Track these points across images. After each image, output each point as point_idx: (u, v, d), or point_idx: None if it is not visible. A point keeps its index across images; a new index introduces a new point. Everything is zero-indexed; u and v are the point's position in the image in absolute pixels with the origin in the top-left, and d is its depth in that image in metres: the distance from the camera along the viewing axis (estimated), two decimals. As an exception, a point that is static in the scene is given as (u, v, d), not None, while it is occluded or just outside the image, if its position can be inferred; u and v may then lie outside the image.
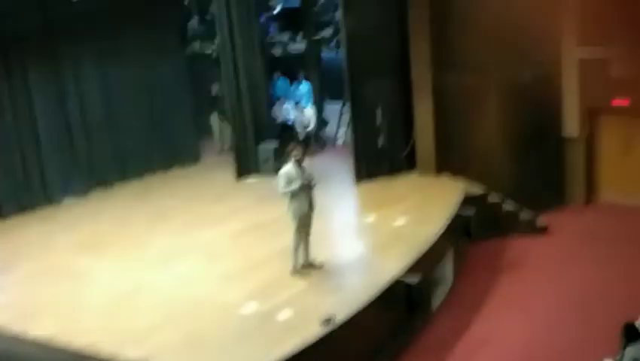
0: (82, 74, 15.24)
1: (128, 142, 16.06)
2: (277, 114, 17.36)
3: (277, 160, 14.72)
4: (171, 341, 8.74)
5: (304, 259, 10.48)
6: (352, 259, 11.09)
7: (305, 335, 8.42)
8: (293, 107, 17.73)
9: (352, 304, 9.15)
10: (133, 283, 10.63)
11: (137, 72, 16.14)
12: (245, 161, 15.72)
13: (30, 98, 14.36)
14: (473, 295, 11.53)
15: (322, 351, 8.38)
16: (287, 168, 10.19)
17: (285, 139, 15.46)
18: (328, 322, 8.68)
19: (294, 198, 10.12)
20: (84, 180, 15.32)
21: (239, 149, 15.69)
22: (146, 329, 9.05)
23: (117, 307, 9.86)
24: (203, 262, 11.19)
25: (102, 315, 9.65)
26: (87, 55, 15.27)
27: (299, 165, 10.16)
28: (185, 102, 17.07)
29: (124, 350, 8.51)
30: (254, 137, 15.75)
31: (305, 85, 18.34)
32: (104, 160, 15.68)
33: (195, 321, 9.23)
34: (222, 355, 8.36)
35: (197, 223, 12.96)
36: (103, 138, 15.63)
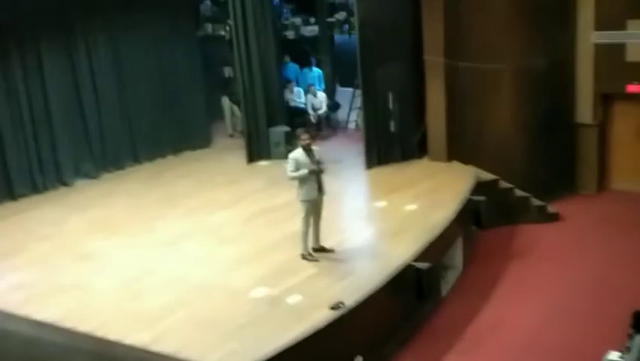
0: (95, 56, 15.21)
1: (140, 124, 16.06)
2: (287, 98, 17.33)
3: (288, 144, 14.74)
4: (180, 324, 8.79)
5: (315, 244, 10.50)
6: (363, 244, 11.08)
7: (314, 320, 8.44)
8: (304, 91, 17.71)
9: (362, 289, 9.16)
10: (144, 265, 10.66)
11: (150, 54, 16.11)
12: (257, 144, 15.72)
13: (43, 80, 14.36)
14: (483, 281, 11.54)
15: (332, 336, 8.40)
16: (295, 153, 10.21)
17: (296, 123, 15.46)
18: (338, 307, 8.70)
19: (303, 183, 10.13)
20: (96, 162, 15.36)
21: (251, 132, 15.68)
22: (156, 312, 9.10)
23: (128, 289, 9.90)
24: (214, 246, 11.22)
25: (113, 297, 9.69)
26: (100, 37, 15.25)
27: (308, 151, 10.16)
28: (197, 85, 17.00)
29: (134, 332, 8.57)
30: (266, 120, 15.74)
31: (316, 70, 18.30)
32: (116, 142, 15.69)
33: (205, 304, 9.27)
34: (232, 338, 8.37)
35: (208, 206, 12.99)
36: (115, 121, 15.64)
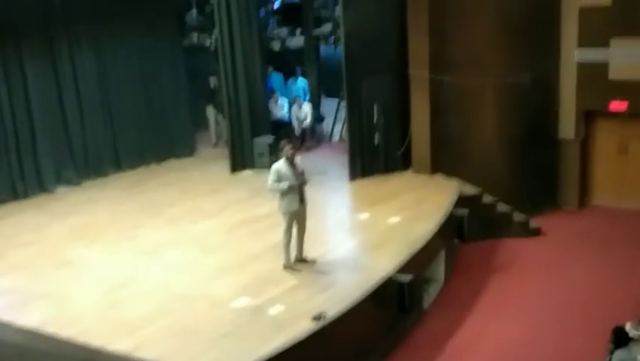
0: (79, 64, 15.15)
1: (123, 132, 15.99)
2: (271, 109, 17.32)
3: (272, 154, 14.72)
4: (161, 333, 8.74)
5: (297, 255, 10.48)
6: (345, 256, 11.07)
7: (296, 331, 8.42)
8: (289, 102, 17.71)
9: (344, 301, 9.14)
10: (125, 273, 10.60)
11: (134, 63, 16.07)
12: (240, 154, 15.69)
13: (25, 86, 14.28)
14: (465, 294, 11.56)
15: (313, 347, 8.37)
16: (278, 165, 10.21)
17: (281, 134, 15.45)
18: (319, 318, 8.68)
19: (284, 195, 10.14)
20: (78, 170, 15.28)
21: (235, 142, 15.65)
22: (137, 320, 9.03)
23: (109, 297, 9.83)
24: (196, 255, 11.17)
25: (93, 305, 9.62)
26: (84, 44, 15.19)
27: (290, 163, 10.16)
28: (182, 94, 16.99)
29: (115, 340, 8.51)
30: (250, 131, 15.72)
31: (301, 81, 18.32)
32: (99, 150, 15.61)
33: (186, 314, 9.21)
34: (212, 348, 8.33)
35: (191, 216, 12.94)
36: (98, 128, 15.56)
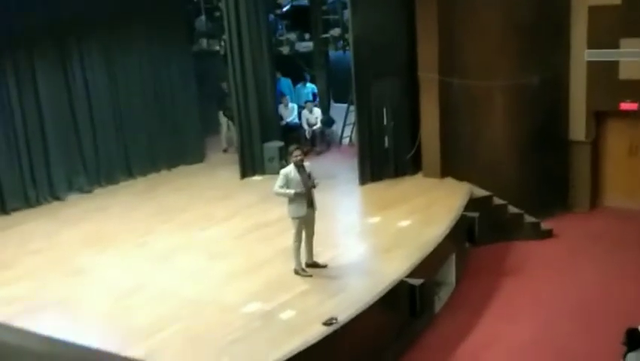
0: (89, 70, 15.20)
1: (134, 139, 16.03)
2: (282, 113, 17.35)
3: (282, 159, 14.74)
4: (173, 339, 8.76)
5: (308, 259, 10.49)
6: (356, 260, 11.06)
7: (307, 336, 8.42)
8: (299, 107, 17.73)
9: (355, 305, 9.14)
10: (136, 280, 10.63)
11: (144, 68, 16.11)
12: (250, 160, 15.69)
13: (37, 94, 14.35)
14: (476, 297, 11.53)
15: (324, 352, 8.37)
16: (287, 170, 10.24)
17: (290, 139, 15.45)
18: (331, 322, 8.68)
19: (292, 200, 10.16)
20: (90, 177, 15.32)
21: (244, 147, 15.67)
22: (148, 327, 9.06)
23: (120, 304, 9.86)
24: (207, 261, 11.19)
25: (105, 311, 9.66)
26: (95, 51, 15.26)
27: (299, 167, 10.18)
28: (191, 100, 17.03)
29: (126, 347, 8.52)
30: (260, 136, 15.73)
31: (309, 86, 18.34)
32: (109, 157, 15.66)
33: (197, 319, 9.23)
34: (224, 354, 8.35)
35: (201, 221, 12.96)
36: (109, 135, 15.62)
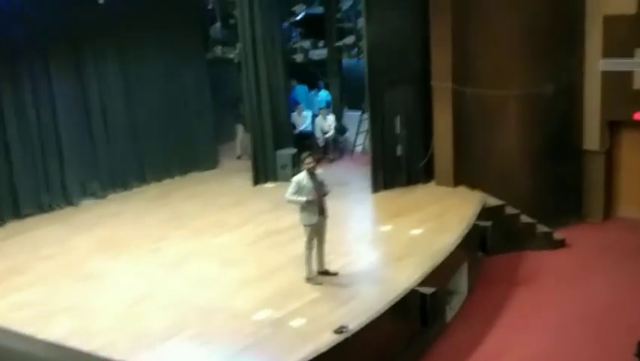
0: (104, 76, 15.31)
1: (148, 145, 16.11)
2: (295, 121, 17.40)
3: (295, 167, 14.76)
4: (184, 345, 8.79)
5: (319, 267, 10.49)
6: (367, 268, 11.06)
7: (317, 344, 8.42)
8: (313, 114, 17.76)
9: (366, 313, 9.13)
10: (148, 285, 10.67)
11: (159, 75, 16.20)
12: (263, 167, 15.73)
13: (52, 100, 14.46)
14: (488, 307, 11.48)
15: (334, 360, 8.35)
16: (299, 177, 10.27)
17: (304, 146, 15.48)
18: (341, 331, 8.68)
19: (304, 208, 10.18)
20: (103, 183, 15.41)
21: (257, 154, 15.71)
22: (159, 333, 9.09)
23: (132, 309, 9.90)
24: (218, 267, 11.22)
25: (117, 317, 9.69)
26: (110, 57, 15.35)
27: (311, 175, 10.20)
28: (205, 107, 17.11)
29: (138, 353, 8.58)
30: (273, 143, 15.77)
31: (323, 93, 18.38)
32: (123, 163, 15.75)
33: (208, 326, 9.25)
34: (235, 360, 8.36)
35: (214, 228, 13.00)
36: (123, 141, 15.70)
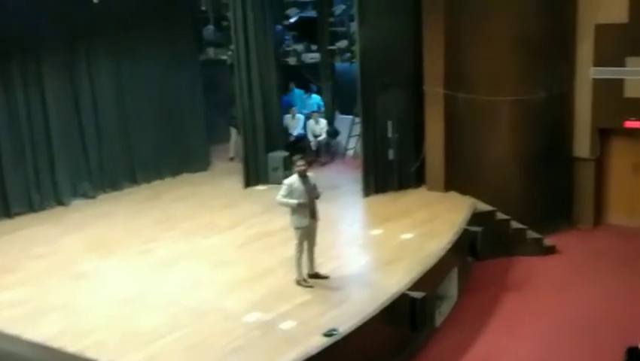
0: (96, 77, 15.27)
1: (139, 146, 16.08)
2: (288, 124, 17.40)
3: (286, 169, 14.76)
4: (173, 347, 8.76)
5: (310, 270, 10.49)
6: (357, 272, 11.06)
7: (307, 347, 8.41)
8: (305, 117, 17.77)
9: (356, 317, 9.13)
10: (138, 286, 10.65)
11: (151, 76, 16.17)
12: (254, 169, 15.72)
13: (44, 100, 14.42)
14: (477, 312, 11.50)
15: (324, 363, 8.37)
16: (290, 179, 10.28)
17: (295, 149, 15.48)
18: (331, 334, 8.68)
19: (294, 210, 10.18)
20: (94, 183, 15.36)
21: (249, 157, 15.70)
22: (149, 334, 9.07)
23: (121, 310, 9.87)
24: (209, 269, 11.20)
25: (106, 317, 9.66)
26: (102, 57, 15.32)
27: (303, 177, 10.21)
28: (198, 108, 17.10)
29: (126, 354, 8.55)
30: (265, 146, 15.75)
31: (315, 97, 18.40)
32: (114, 163, 15.71)
33: (197, 328, 9.23)
34: (223, 363, 8.38)
35: (204, 230, 12.99)
36: (114, 141, 15.67)
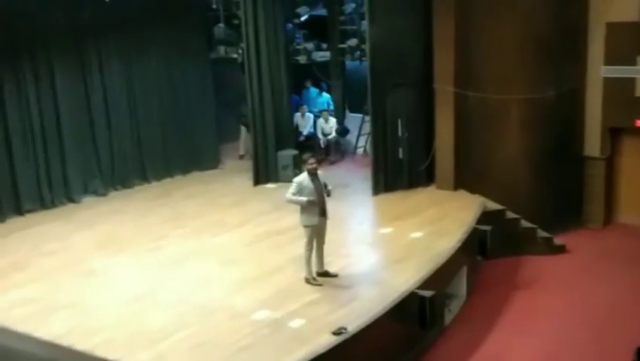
0: (107, 74, 15.30)
1: (150, 144, 16.12)
2: (298, 122, 17.42)
3: (296, 168, 14.78)
4: (181, 345, 8.78)
5: (319, 268, 10.49)
6: (367, 270, 11.06)
7: (316, 345, 8.42)
8: (315, 116, 17.79)
9: (365, 315, 9.14)
10: (148, 284, 10.68)
11: (162, 74, 16.20)
12: (264, 167, 15.73)
13: (55, 97, 14.45)
14: (486, 311, 11.50)
15: (333, 362, 8.38)
16: (300, 177, 10.28)
17: (305, 147, 15.49)
18: (340, 332, 8.68)
19: (304, 209, 10.18)
20: (105, 180, 15.41)
21: (258, 155, 15.71)
22: (158, 331, 9.10)
23: (131, 307, 9.91)
24: (218, 267, 11.22)
25: (115, 315, 9.70)
26: (113, 55, 15.36)
27: (313, 175, 10.21)
28: (208, 106, 17.13)
29: (135, 351, 8.58)
30: (275, 144, 15.77)
31: (325, 96, 18.41)
32: (125, 161, 15.76)
33: (206, 326, 9.25)
34: (233, 360, 8.37)
35: (214, 228, 13.01)
36: (125, 139, 15.72)
